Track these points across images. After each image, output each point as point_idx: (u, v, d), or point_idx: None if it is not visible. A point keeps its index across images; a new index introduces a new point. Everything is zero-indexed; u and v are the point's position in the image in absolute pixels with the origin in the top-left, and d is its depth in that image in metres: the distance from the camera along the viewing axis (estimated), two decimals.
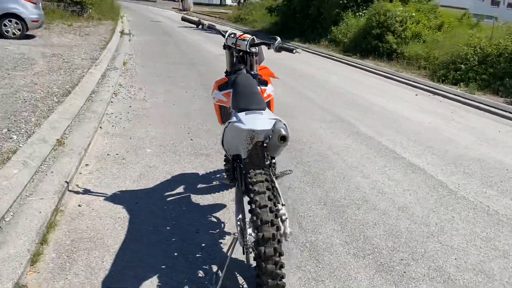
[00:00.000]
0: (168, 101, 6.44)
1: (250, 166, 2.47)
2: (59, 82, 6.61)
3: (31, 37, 11.18)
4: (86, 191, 3.43)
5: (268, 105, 3.13)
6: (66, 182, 3.41)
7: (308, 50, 15.59)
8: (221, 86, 2.97)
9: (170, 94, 6.91)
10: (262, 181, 2.15)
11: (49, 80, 6.63)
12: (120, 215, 3.12)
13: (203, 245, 2.83)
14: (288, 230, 2.31)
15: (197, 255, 2.72)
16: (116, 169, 3.90)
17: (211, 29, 3.22)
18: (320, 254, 2.85)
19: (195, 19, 3.22)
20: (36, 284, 2.34)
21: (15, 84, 6.16)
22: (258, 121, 2.14)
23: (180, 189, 3.62)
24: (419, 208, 3.64)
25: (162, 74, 8.47)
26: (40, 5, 11.53)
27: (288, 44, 2.85)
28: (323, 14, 17.43)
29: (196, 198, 3.46)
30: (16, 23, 10.57)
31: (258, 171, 2.23)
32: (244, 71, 2.91)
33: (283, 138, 2.30)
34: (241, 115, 2.20)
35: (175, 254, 2.72)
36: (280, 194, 2.51)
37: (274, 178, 2.60)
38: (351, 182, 4.05)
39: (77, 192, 3.41)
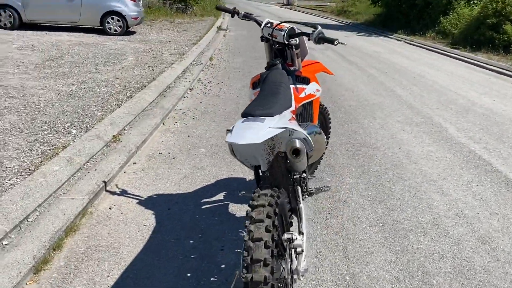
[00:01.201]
0: (241, 97, 6.19)
1: (270, 180, 2.06)
2: (139, 77, 6.71)
3: (131, 33, 11.77)
4: (123, 192, 3.28)
5: (309, 107, 2.67)
6: (104, 182, 3.29)
7: (411, 42, 14.34)
8: (255, 84, 2.58)
9: (245, 90, 6.65)
10: (262, 206, 1.72)
11: (131, 75, 6.78)
12: (147, 222, 2.90)
13: (223, 266, 2.48)
14: (302, 267, 1.85)
15: (212, 279, 2.38)
16: (162, 169, 3.72)
17: (247, 17, 2.83)
18: None
19: (230, 7, 2.86)
20: None
21: (98, 78, 6.38)
22: (247, 132, 1.71)
23: (221, 195, 3.30)
24: (508, 240, 2.88)
25: (244, 69, 8.27)
26: (140, 2, 12.08)
27: (329, 36, 2.35)
28: (431, 3, 15.93)
29: (234, 208, 3.12)
30: (118, 20, 11.18)
31: (263, 192, 1.81)
32: (280, 66, 2.48)
33: (296, 152, 1.85)
34: (238, 123, 1.80)
35: (188, 274, 2.40)
36: (302, 218, 2.06)
37: (300, 197, 2.16)
38: (423, 199, 3.39)
39: (113, 193, 3.27)
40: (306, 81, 2.57)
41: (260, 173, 2.09)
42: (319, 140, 2.44)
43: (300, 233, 1.98)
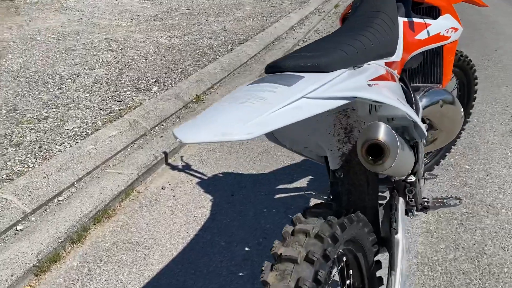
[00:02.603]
0: None
1: (346, 186, 1.17)
2: (249, 28, 5.99)
3: None
4: (185, 168, 2.63)
5: (434, 56, 1.61)
6: (165, 153, 2.68)
7: None
8: (345, 19, 1.63)
9: None
10: (291, 259, 0.84)
11: (240, 26, 6.10)
12: (199, 212, 2.20)
13: None
14: None
15: None
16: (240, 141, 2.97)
17: None
18: None
19: None
20: None
21: (204, 30, 5.83)
22: (231, 112, 0.75)
23: (303, 181, 2.44)
24: None
25: None
26: None
27: None
28: None
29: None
30: None
31: (313, 210, 0.93)
32: None
33: (374, 150, 0.91)
34: (245, 85, 0.88)
35: None
36: (397, 257, 1.13)
37: (398, 220, 1.22)
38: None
39: (174, 168, 2.64)
40: (434, 13, 1.53)
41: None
42: (449, 114, 1.45)
43: None
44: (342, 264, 1.11)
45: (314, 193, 2.22)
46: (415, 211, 1.38)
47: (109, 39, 5.32)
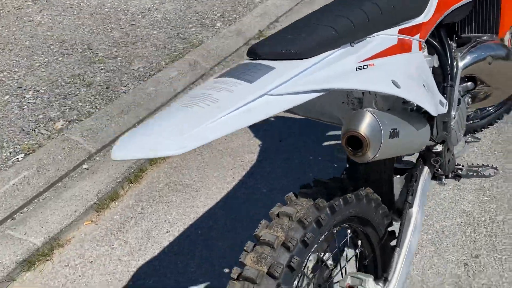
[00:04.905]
0: None
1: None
2: None
3: None
4: None
5: (495, 11, 1.42)
6: None
7: None
8: None
9: None
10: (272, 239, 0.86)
11: None
12: (246, 157, 2.27)
13: None
14: None
15: None
16: None
17: None
18: None
19: None
20: (72, 246, 1.90)
21: None
22: (181, 117, 0.71)
23: None
24: None
25: None
26: None
27: None
28: None
29: None
30: None
31: (304, 191, 0.95)
32: None
33: (353, 141, 0.87)
34: (215, 78, 0.84)
35: None
36: (404, 240, 1.11)
37: (416, 192, 1.17)
38: None
39: None
40: None
41: None
42: (502, 70, 1.31)
43: (383, 278, 1.04)
44: (349, 235, 1.11)
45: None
46: (444, 179, 1.31)
47: None
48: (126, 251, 1.81)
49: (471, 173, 1.32)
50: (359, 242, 1.16)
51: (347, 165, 1.22)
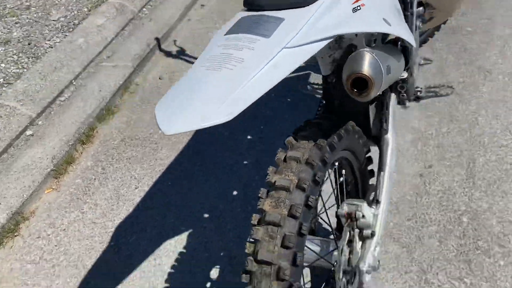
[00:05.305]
0: None
1: (339, 91, 1.19)
2: None
3: None
4: (180, 54, 2.59)
5: None
6: (157, 39, 2.61)
7: None
8: None
9: None
10: (293, 164, 0.91)
11: None
12: None
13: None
14: (369, 261, 1.08)
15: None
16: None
17: None
18: None
19: None
20: (38, 217, 1.83)
21: None
22: (212, 84, 0.73)
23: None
24: None
25: None
26: None
27: None
28: None
29: None
30: None
31: (303, 134, 0.99)
32: None
33: (358, 82, 0.91)
34: (220, 37, 0.83)
35: (235, 192, 1.80)
36: (386, 162, 1.21)
37: (388, 119, 1.26)
38: None
39: (168, 54, 2.61)
40: None
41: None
42: None
43: (375, 201, 1.15)
44: (334, 167, 1.19)
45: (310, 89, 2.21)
46: (407, 103, 1.41)
47: None
48: (99, 213, 1.78)
49: (430, 93, 1.44)
50: (343, 171, 1.24)
51: (323, 101, 1.27)
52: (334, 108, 1.25)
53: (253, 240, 0.89)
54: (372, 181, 1.30)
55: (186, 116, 0.66)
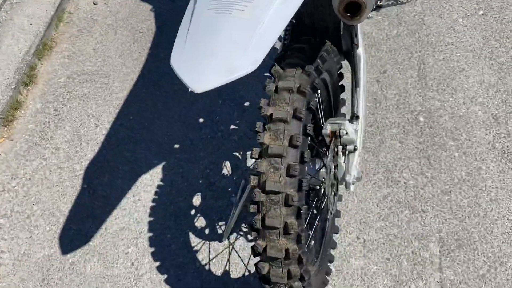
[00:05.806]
0: None
1: (312, 7, 1.18)
2: None
3: None
4: None
5: None
6: None
7: None
8: None
9: None
10: (286, 92, 0.93)
11: None
12: (143, 26, 2.12)
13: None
14: (354, 173, 1.17)
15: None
16: None
17: None
18: None
19: None
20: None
21: None
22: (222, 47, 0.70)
23: None
24: None
25: None
26: None
27: None
28: None
29: None
30: None
31: (289, 61, 1.00)
32: None
33: (351, 6, 0.90)
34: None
35: (201, 119, 1.79)
36: (359, 77, 1.25)
37: (358, 32, 1.28)
38: None
39: None
40: None
41: None
42: None
43: (354, 117, 1.20)
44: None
45: None
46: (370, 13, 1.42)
47: None
48: (63, 157, 1.72)
49: (390, 1, 1.46)
50: (319, 91, 1.27)
51: (293, 21, 1.25)
52: (305, 27, 1.24)
53: (256, 173, 0.92)
54: (343, 96, 1.35)
55: (212, 68, 0.64)
